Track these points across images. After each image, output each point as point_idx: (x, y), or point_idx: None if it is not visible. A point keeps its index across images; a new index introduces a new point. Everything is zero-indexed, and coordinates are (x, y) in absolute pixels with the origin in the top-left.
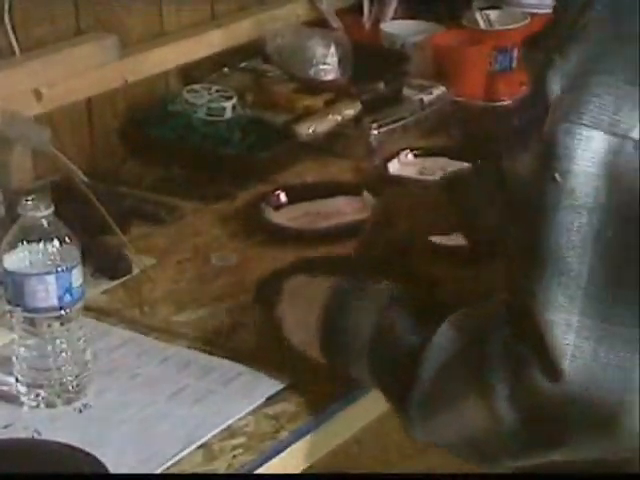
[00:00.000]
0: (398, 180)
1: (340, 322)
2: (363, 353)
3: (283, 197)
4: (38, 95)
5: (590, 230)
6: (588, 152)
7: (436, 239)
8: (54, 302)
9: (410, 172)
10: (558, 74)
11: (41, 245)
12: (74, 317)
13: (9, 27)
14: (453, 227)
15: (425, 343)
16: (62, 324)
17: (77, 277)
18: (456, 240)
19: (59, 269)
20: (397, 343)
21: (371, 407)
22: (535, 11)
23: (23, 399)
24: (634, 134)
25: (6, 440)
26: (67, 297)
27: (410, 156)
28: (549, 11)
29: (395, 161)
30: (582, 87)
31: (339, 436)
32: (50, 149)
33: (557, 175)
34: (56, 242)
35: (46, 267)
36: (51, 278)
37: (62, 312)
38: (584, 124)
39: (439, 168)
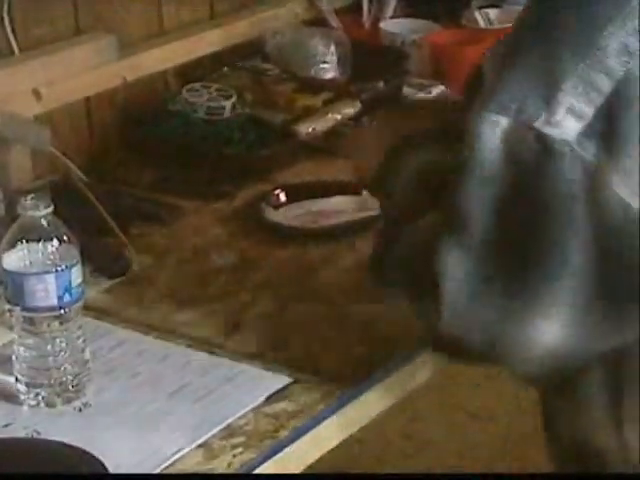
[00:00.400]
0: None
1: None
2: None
3: (283, 196)
4: (37, 95)
5: (491, 200)
6: (494, 135)
7: None
8: (53, 301)
9: None
10: (489, 62)
11: (40, 244)
12: (73, 316)
13: (8, 27)
14: None
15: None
16: (61, 323)
17: (76, 276)
18: None
19: (58, 268)
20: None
21: (372, 406)
22: None
23: (22, 398)
24: (537, 124)
25: (5, 439)
26: (66, 296)
27: None
28: None
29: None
30: (496, 76)
31: (339, 435)
32: (49, 149)
33: (467, 152)
34: (55, 241)
35: (45, 266)
36: (50, 277)
37: (61, 311)
38: (493, 110)
39: None
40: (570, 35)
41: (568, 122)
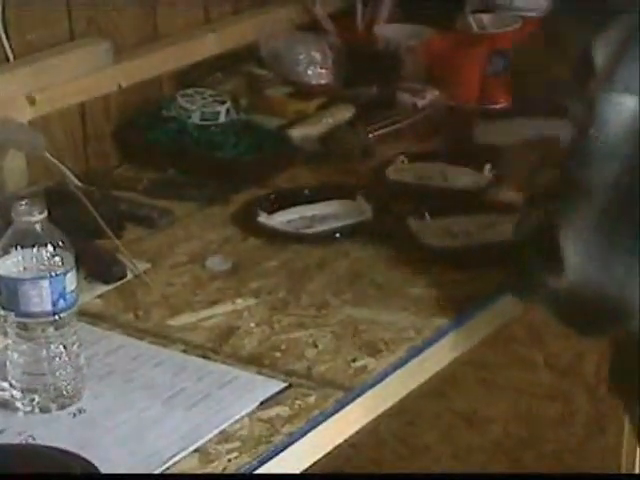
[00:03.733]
0: (394, 184)
1: None
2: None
3: (277, 201)
4: (32, 100)
5: (614, 174)
6: (620, 115)
7: None
8: (48, 307)
9: (406, 177)
10: (603, 41)
11: (35, 250)
12: (68, 322)
13: (2, 32)
14: None
15: None
16: (56, 329)
17: (71, 282)
18: None
19: (53, 274)
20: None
21: (366, 411)
22: (527, 14)
23: (17, 404)
24: None
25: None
26: (61, 302)
27: (406, 161)
28: (540, 14)
29: (392, 166)
30: (619, 56)
31: (334, 440)
32: (44, 154)
33: (595, 133)
34: (50, 247)
35: (40, 272)
36: (45, 283)
37: (56, 317)
38: (617, 90)
39: (437, 172)
40: None
41: None
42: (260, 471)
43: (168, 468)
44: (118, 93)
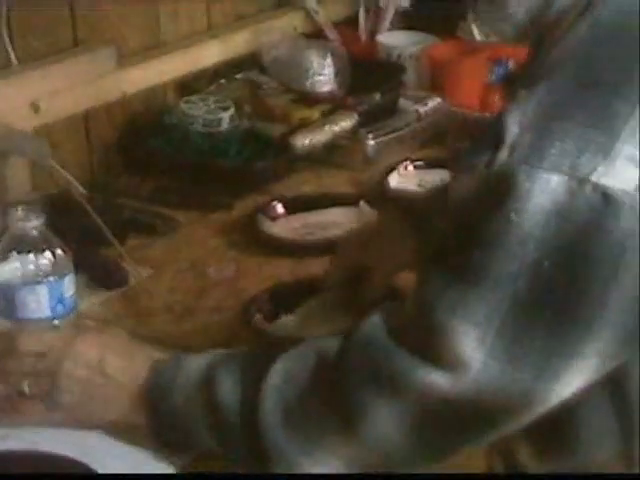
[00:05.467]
0: (396, 192)
1: (165, 405)
2: (201, 433)
3: (280, 208)
4: (35, 107)
5: (529, 258)
6: (545, 193)
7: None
8: (46, 313)
9: (409, 184)
10: (519, 112)
11: (32, 256)
12: None
13: (6, 38)
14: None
15: (255, 397)
16: None
17: (69, 287)
18: None
19: (51, 279)
20: (227, 414)
21: None
22: None
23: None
24: (594, 177)
25: (1, 452)
26: (59, 307)
27: (410, 168)
28: None
29: (395, 173)
30: (543, 130)
31: None
32: (49, 162)
33: (512, 214)
34: (48, 253)
35: (37, 277)
36: (43, 288)
37: (55, 322)
38: (544, 167)
39: (439, 180)
40: (621, 79)
41: (627, 171)
42: None
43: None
44: (122, 100)
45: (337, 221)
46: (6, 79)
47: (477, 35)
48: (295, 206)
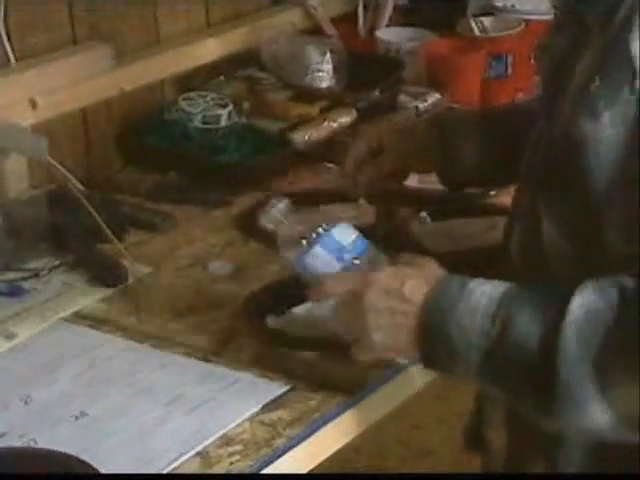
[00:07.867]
0: (395, 188)
1: (445, 329)
2: (476, 362)
3: (279, 204)
4: (33, 104)
5: None
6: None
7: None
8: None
9: (409, 180)
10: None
11: None
12: None
13: (4, 36)
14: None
15: (555, 328)
16: None
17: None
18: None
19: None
20: (518, 347)
21: (369, 414)
22: (530, 17)
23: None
24: None
25: (0, 449)
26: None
27: None
28: (544, 17)
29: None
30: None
31: (336, 443)
32: (47, 159)
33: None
34: None
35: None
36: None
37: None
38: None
39: None
40: None
41: None
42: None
43: (170, 472)
44: (120, 97)
45: (336, 217)
46: (4, 77)
47: (476, 30)
48: (294, 202)
